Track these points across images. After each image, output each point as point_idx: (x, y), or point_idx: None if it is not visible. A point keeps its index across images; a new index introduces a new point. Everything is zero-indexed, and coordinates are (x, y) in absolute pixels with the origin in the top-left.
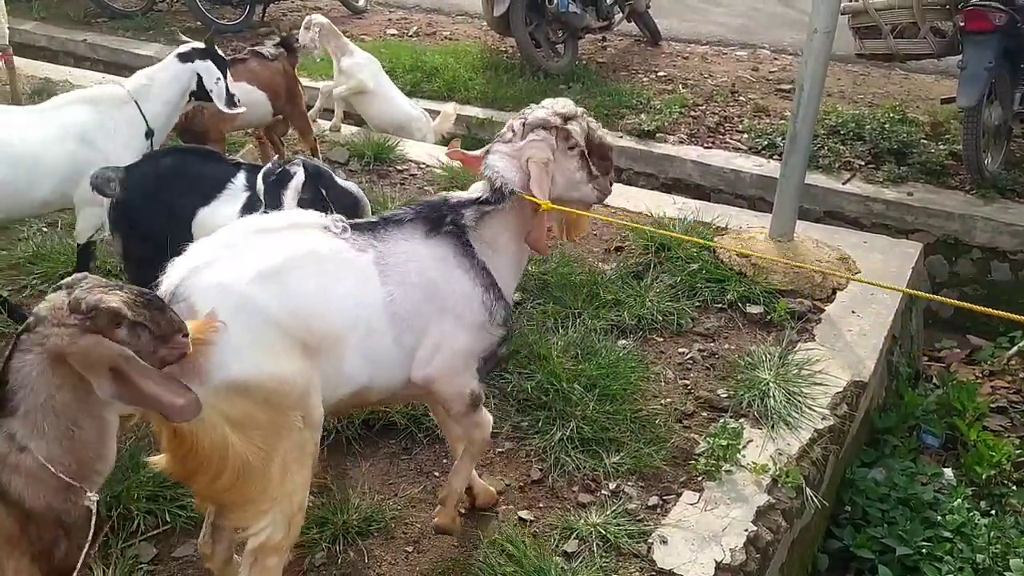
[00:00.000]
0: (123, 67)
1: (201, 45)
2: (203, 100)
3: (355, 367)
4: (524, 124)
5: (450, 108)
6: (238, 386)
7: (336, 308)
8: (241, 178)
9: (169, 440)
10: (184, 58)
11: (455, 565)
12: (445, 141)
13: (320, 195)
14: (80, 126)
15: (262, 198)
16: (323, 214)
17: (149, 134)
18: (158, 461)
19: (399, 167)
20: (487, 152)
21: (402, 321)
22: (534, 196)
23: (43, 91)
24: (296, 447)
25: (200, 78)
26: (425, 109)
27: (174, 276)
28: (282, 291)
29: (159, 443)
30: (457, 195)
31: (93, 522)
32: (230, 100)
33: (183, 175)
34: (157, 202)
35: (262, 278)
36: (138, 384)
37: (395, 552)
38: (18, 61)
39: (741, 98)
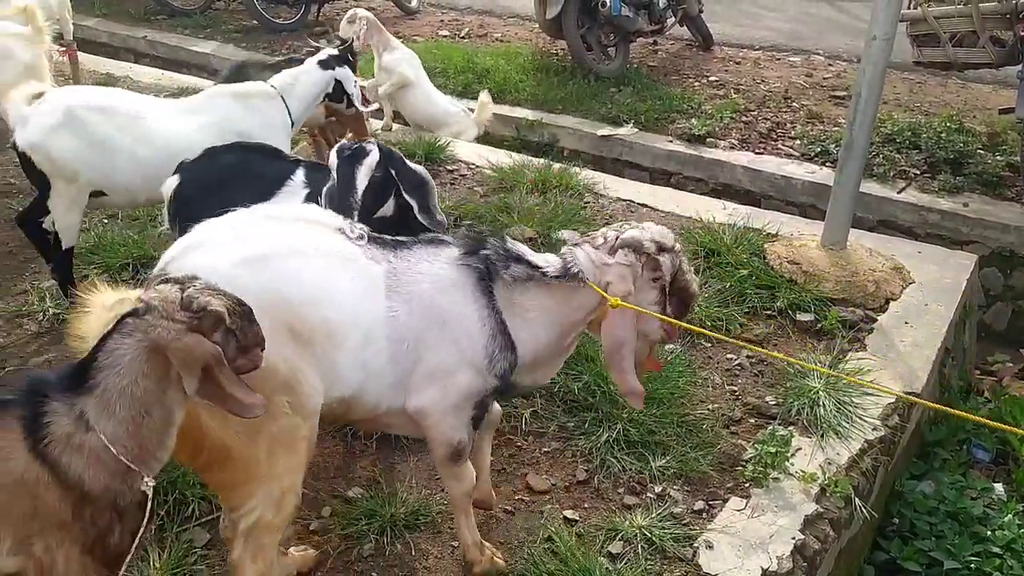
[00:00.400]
0: (181, 64)
1: (335, 52)
2: (333, 101)
3: (349, 370)
4: (617, 238)
5: (484, 97)
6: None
7: (334, 302)
8: (300, 175)
9: None
10: (325, 65)
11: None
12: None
13: (390, 174)
14: (230, 119)
15: (334, 172)
16: (347, 218)
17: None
18: None
19: (449, 167)
20: (570, 244)
21: (402, 340)
22: (603, 293)
23: (105, 85)
24: (284, 432)
25: (338, 82)
26: (468, 108)
27: (169, 253)
28: (268, 275)
29: None
30: (518, 247)
31: (148, 508)
32: (364, 100)
33: (243, 171)
34: (216, 198)
35: (248, 261)
36: (222, 384)
37: (441, 546)
38: (81, 56)
39: (794, 104)
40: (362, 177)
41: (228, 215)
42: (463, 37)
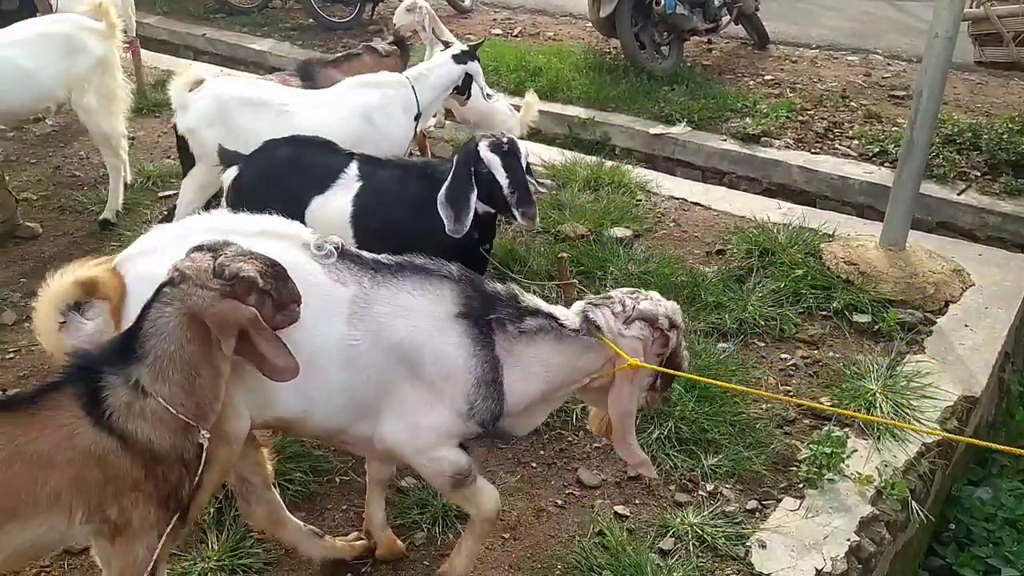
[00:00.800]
0: (239, 61)
1: (467, 48)
2: (459, 94)
3: (283, 395)
4: (635, 308)
5: (531, 97)
6: None
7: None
8: (354, 168)
9: None
10: (459, 59)
11: (551, 555)
12: (532, 131)
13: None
14: (365, 107)
15: (501, 171)
16: (311, 231)
17: (417, 117)
18: None
19: None
20: (586, 303)
21: (360, 371)
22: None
23: (165, 82)
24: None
25: (468, 76)
26: (512, 105)
27: (124, 253)
28: None
29: None
30: (532, 300)
31: (203, 457)
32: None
33: (299, 164)
34: (273, 188)
35: None
36: (258, 345)
37: (492, 537)
38: (142, 53)
39: (852, 103)
40: (524, 167)
41: (188, 221)
42: (515, 36)
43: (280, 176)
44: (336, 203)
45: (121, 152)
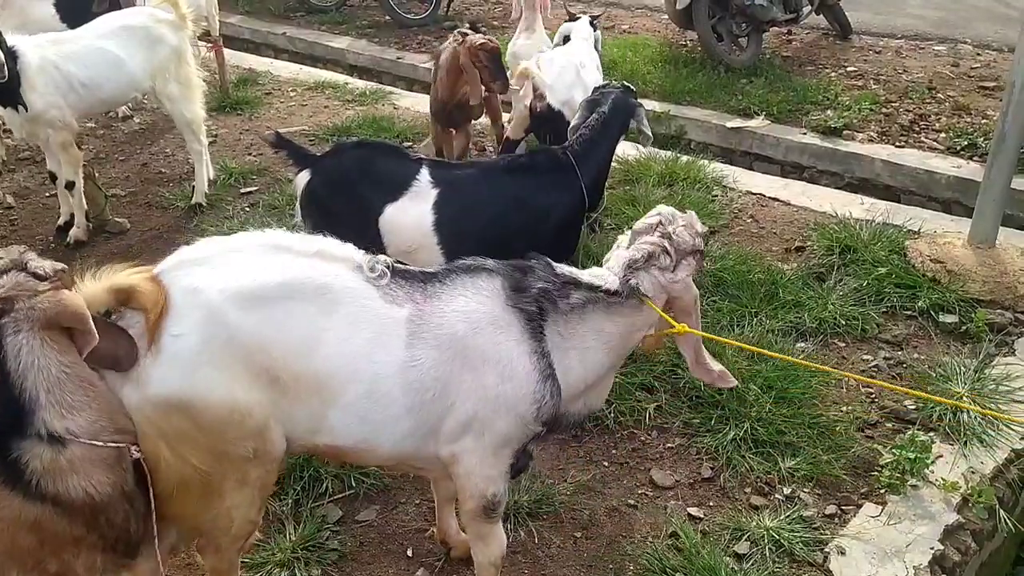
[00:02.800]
0: (317, 59)
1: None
2: None
3: (343, 423)
4: (677, 250)
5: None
6: (179, 403)
7: (328, 356)
8: (425, 175)
9: None
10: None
11: (623, 554)
12: None
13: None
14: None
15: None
16: (366, 252)
17: None
18: None
19: None
20: (627, 265)
21: (425, 390)
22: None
23: (247, 80)
24: (237, 471)
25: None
26: None
27: (166, 262)
28: (257, 318)
29: None
30: (569, 271)
31: (148, 478)
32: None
33: (368, 169)
34: (343, 194)
35: (244, 297)
36: (96, 326)
37: (564, 536)
38: (225, 52)
39: (939, 95)
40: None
41: (242, 236)
42: None
43: (351, 181)
44: (414, 212)
45: (202, 137)
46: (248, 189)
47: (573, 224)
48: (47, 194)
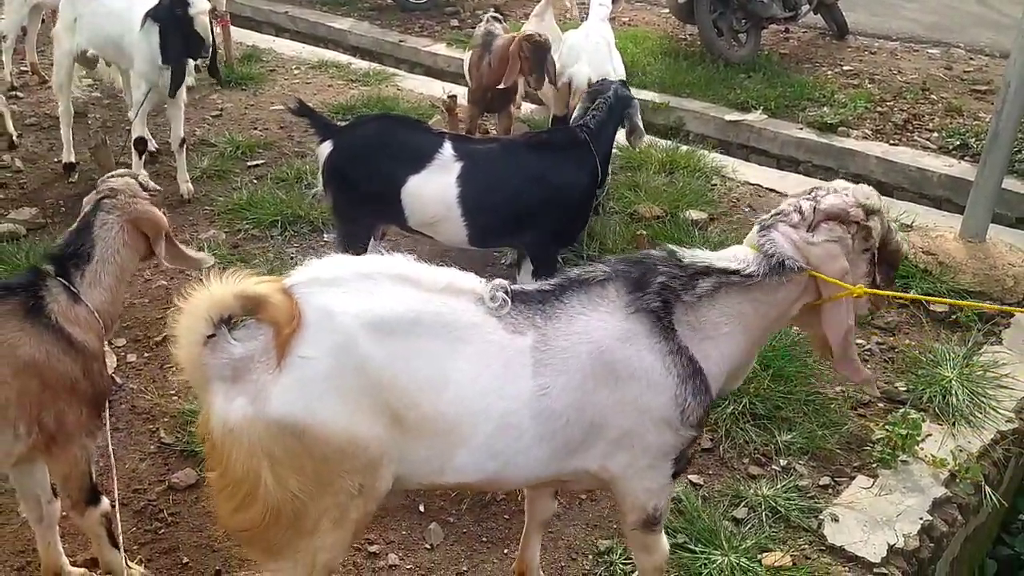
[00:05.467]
0: (319, 39)
1: None
2: None
3: (472, 462)
4: (816, 209)
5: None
6: (295, 427)
7: (454, 398)
8: (448, 148)
9: (208, 451)
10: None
11: None
12: None
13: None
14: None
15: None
16: (485, 283)
17: None
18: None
19: None
20: (759, 231)
21: (557, 417)
22: (833, 281)
23: (251, 56)
24: (337, 508)
25: None
26: None
27: (299, 276)
28: (393, 352)
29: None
30: (695, 254)
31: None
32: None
33: (389, 142)
34: (366, 164)
35: (377, 328)
36: (178, 247)
37: (569, 498)
38: (230, 28)
39: (932, 96)
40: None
41: (375, 262)
42: None
43: (373, 153)
44: (437, 184)
45: None
46: (254, 162)
47: (588, 198)
48: (55, 159)
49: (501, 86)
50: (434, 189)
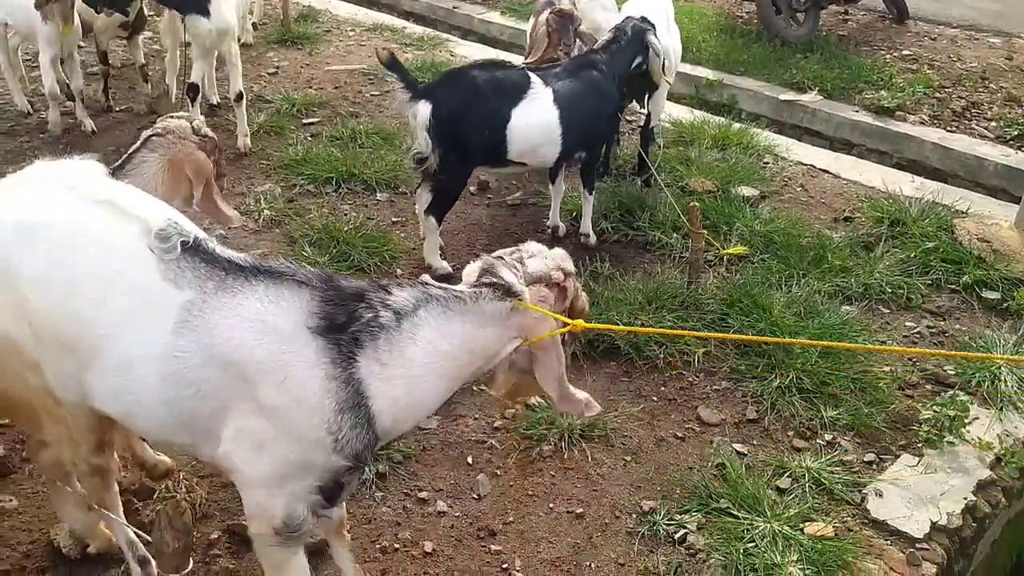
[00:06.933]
0: (374, 2)
1: None
2: None
3: (99, 392)
4: (525, 273)
5: None
6: None
7: (76, 315)
8: (536, 79)
9: None
10: None
11: (670, 479)
12: None
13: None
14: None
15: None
16: (166, 222)
17: None
18: None
19: (627, 117)
20: (484, 266)
21: (187, 386)
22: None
23: (307, 17)
24: (38, 402)
25: None
26: None
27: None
28: (32, 253)
29: None
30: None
31: None
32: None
33: (489, 87)
34: (473, 111)
35: (25, 229)
36: (215, 195)
37: (614, 459)
38: None
39: (991, 85)
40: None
41: (50, 168)
42: None
43: (477, 101)
44: (538, 112)
45: None
46: (309, 120)
47: (619, 110)
48: (118, 108)
49: (530, 60)
50: (536, 118)
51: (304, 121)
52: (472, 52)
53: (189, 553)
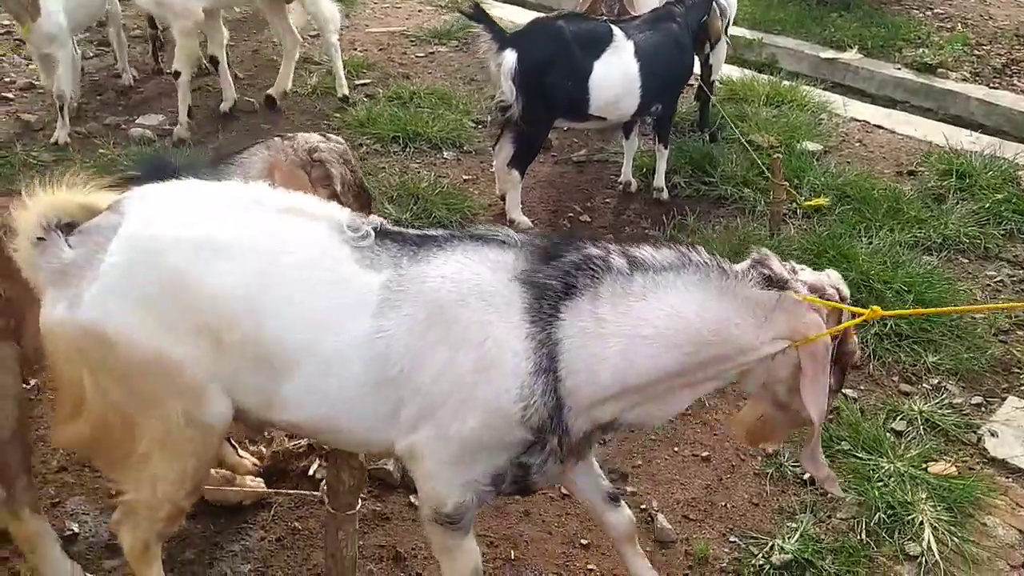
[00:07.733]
0: None
1: None
2: None
3: (297, 400)
4: (799, 280)
5: None
6: (102, 335)
7: (277, 325)
8: (618, 31)
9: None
10: None
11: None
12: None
13: None
14: None
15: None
16: (351, 212)
17: None
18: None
19: None
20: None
21: (391, 365)
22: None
23: None
24: (167, 435)
25: None
26: None
27: (142, 190)
28: (216, 270)
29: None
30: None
31: None
32: None
33: (572, 38)
34: (557, 62)
35: (202, 245)
36: None
37: (729, 405)
38: None
39: None
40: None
41: (215, 184)
42: None
43: (556, 51)
44: (619, 64)
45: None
46: (362, 81)
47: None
48: (167, 72)
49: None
50: (617, 69)
51: (356, 82)
52: (509, 14)
53: (360, 492)
